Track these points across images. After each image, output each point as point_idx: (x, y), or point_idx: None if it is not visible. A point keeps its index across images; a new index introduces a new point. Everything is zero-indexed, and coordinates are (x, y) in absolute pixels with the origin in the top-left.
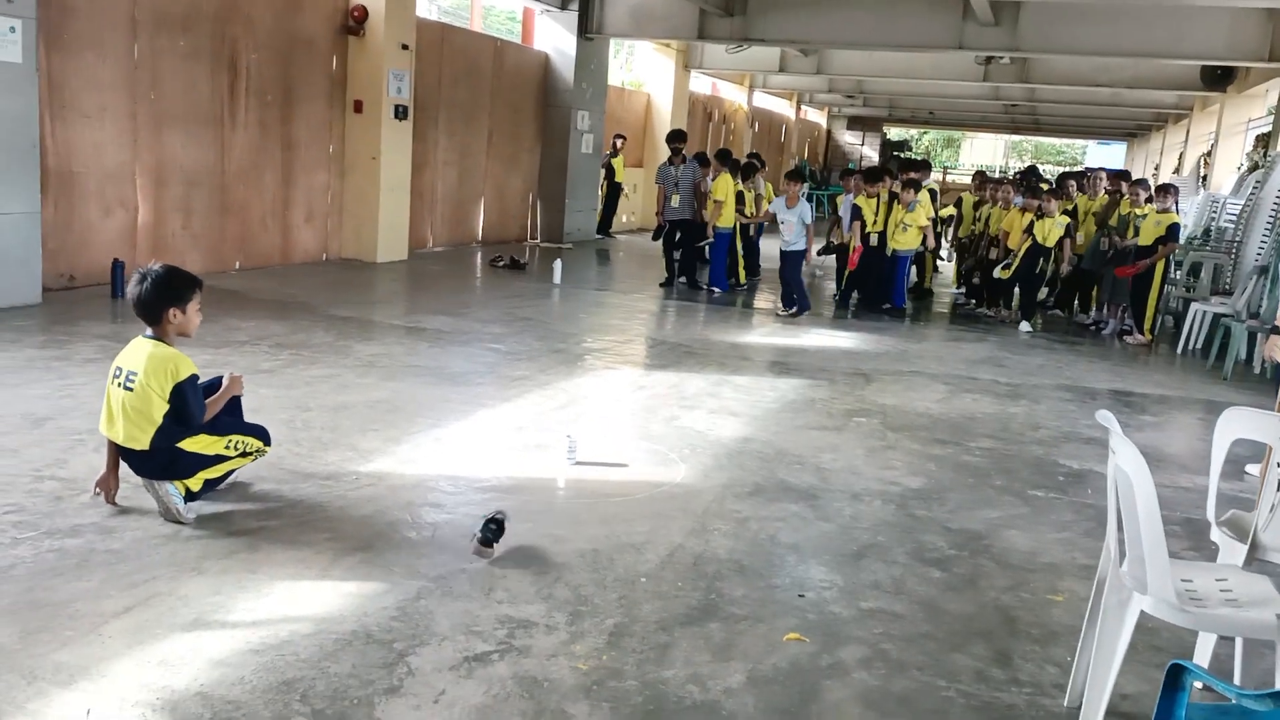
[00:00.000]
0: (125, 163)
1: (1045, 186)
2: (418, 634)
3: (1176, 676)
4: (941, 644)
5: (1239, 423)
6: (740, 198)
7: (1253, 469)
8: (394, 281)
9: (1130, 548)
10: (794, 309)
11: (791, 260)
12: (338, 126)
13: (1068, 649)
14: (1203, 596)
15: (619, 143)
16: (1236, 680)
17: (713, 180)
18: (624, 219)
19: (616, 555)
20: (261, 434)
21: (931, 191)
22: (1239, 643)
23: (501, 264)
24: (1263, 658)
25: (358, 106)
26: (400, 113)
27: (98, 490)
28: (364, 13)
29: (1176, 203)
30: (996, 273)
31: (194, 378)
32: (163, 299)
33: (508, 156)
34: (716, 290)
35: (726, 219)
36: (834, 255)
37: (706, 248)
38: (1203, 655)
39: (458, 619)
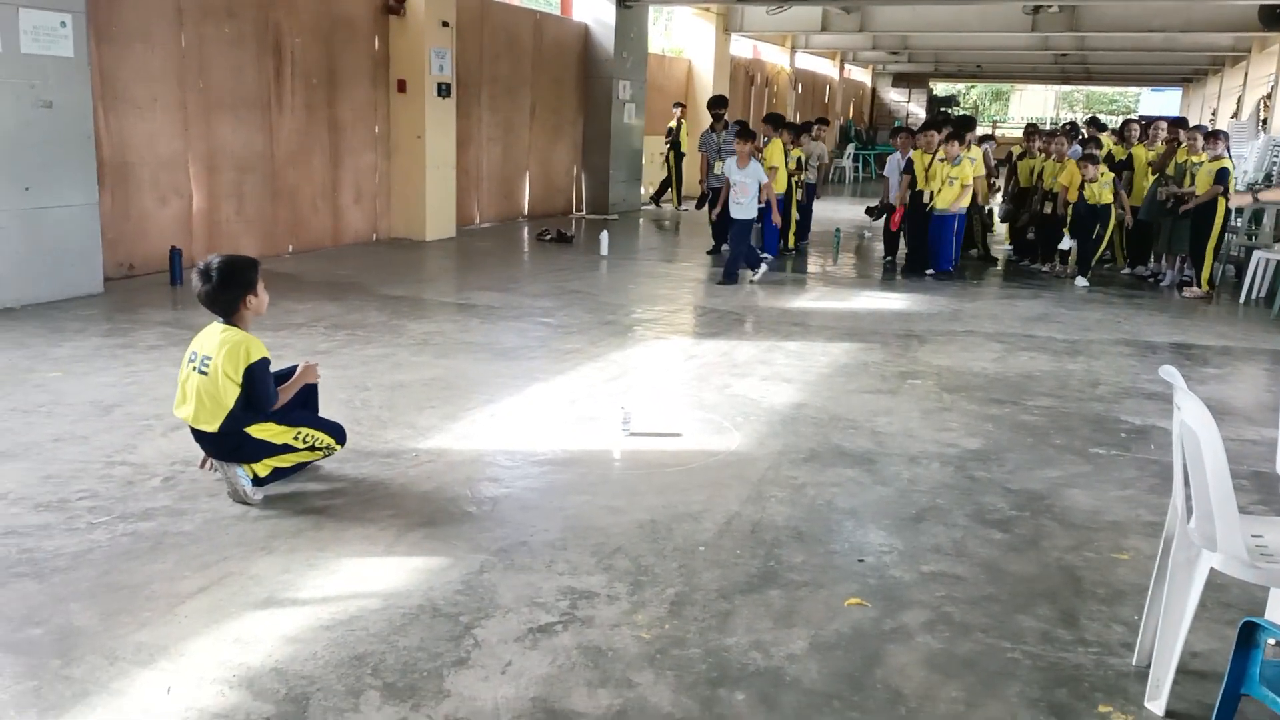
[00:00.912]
0: (178, 151)
1: (1083, 137)
2: (483, 607)
3: (1250, 634)
4: (1005, 606)
5: None
6: (798, 163)
7: None
8: (443, 259)
9: (1198, 504)
10: (757, 269)
11: (741, 227)
12: (382, 107)
13: (1134, 608)
14: (1274, 552)
15: (679, 111)
16: None
17: (766, 145)
18: (650, 189)
19: (674, 525)
20: (335, 431)
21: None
22: None
23: (548, 237)
24: None
25: (401, 86)
26: (443, 90)
27: (209, 465)
28: None
29: (1229, 148)
30: (1065, 244)
31: (265, 361)
32: (235, 289)
33: (551, 130)
34: (769, 257)
35: (780, 184)
36: (883, 217)
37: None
38: (1275, 612)
39: (521, 591)
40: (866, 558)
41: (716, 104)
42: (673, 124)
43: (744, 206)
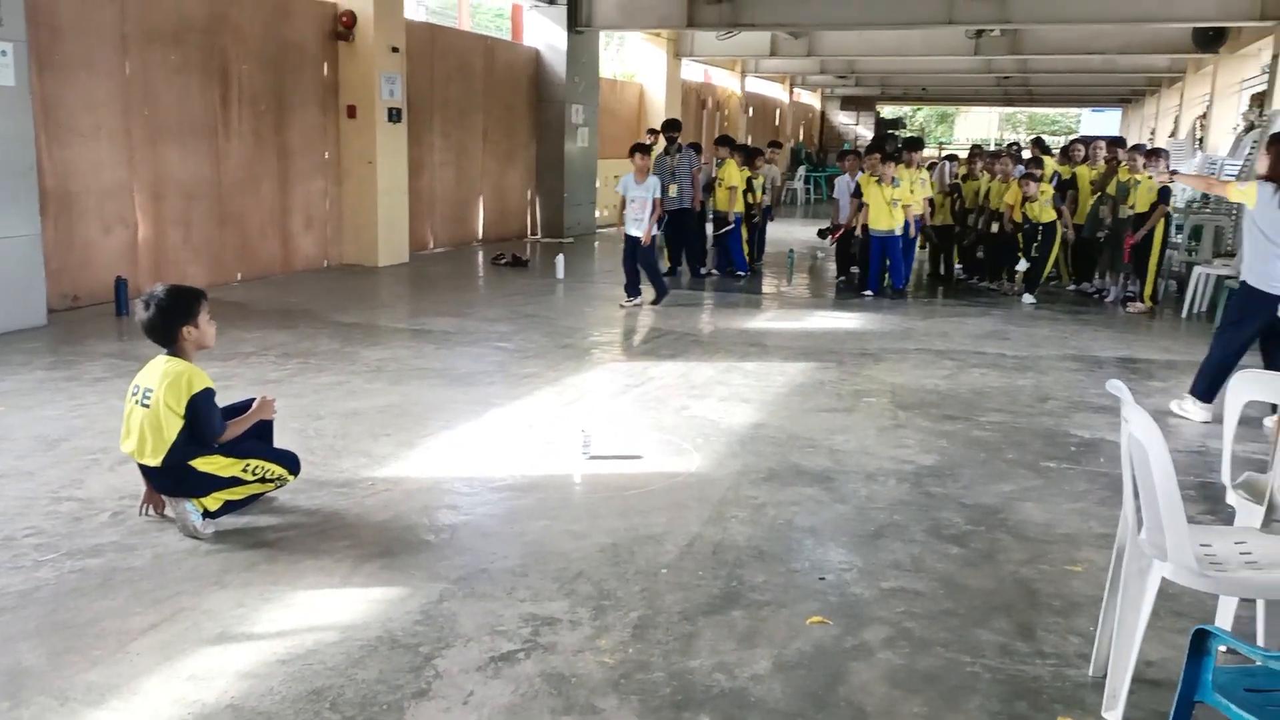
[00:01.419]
0: (123, 180)
1: (1014, 158)
2: (443, 636)
3: (1201, 641)
4: (964, 620)
5: (1250, 385)
6: (748, 184)
7: (1270, 421)
8: (397, 285)
9: (1148, 515)
10: (637, 298)
11: (645, 246)
12: (332, 132)
13: (1089, 619)
14: (1222, 560)
15: (653, 137)
16: (1259, 643)
17: (719, 167)
18: (605, 213)
19: (636, 547)
20: (288, 461)
21: (932, 165)
22: (1260, 605)
23: (504, 261)
24: None
25: (351, 111)
26: (394, 115)
27: (145, 509)
28: (353, 18)
29: (1169, 166)
30: (1022, 267)
31: (209, 392)
32: (174, 320)
33: (504, 154)
34: (741, 274)
35: (737, 204)
36: (835, 237)
37: (724, 234)
38: (1224, 619)
39: (481, 619)
40: (827, 575)
41: (670, 127)
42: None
43: (641, 223)
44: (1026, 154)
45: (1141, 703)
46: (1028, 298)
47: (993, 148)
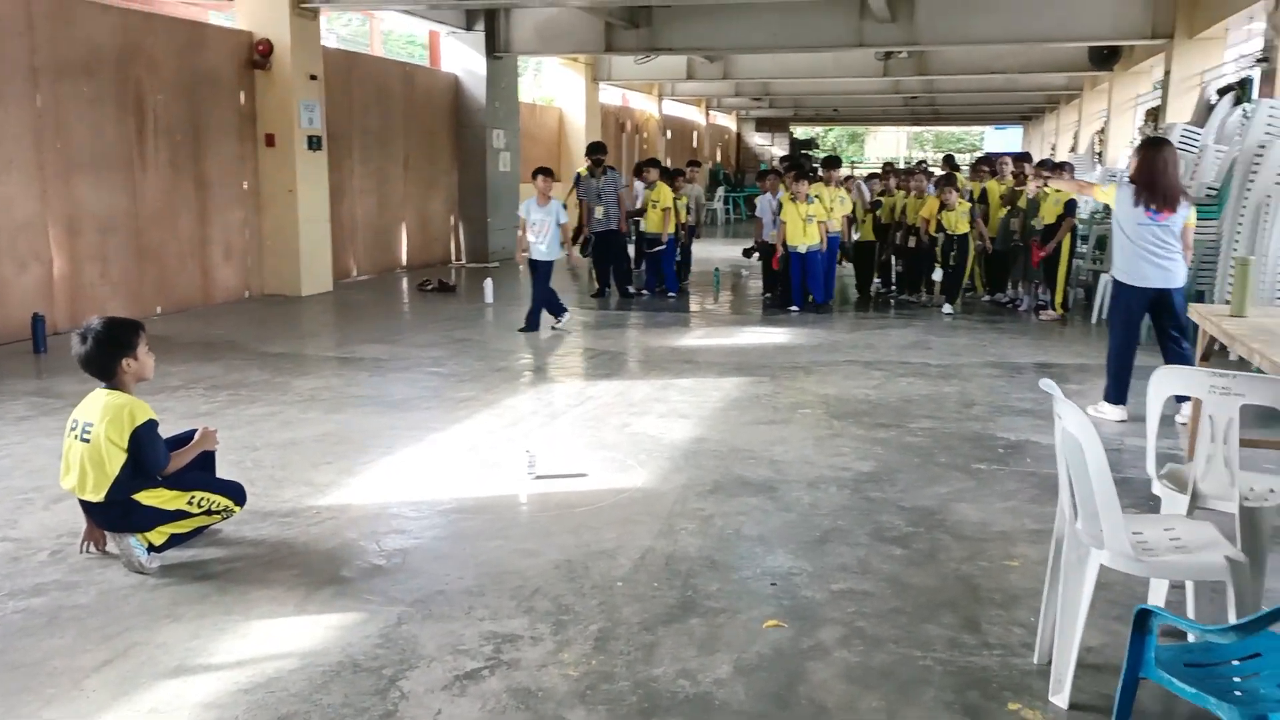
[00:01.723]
0: (36, 215)
1: (928, 174)
2: (405, 658)
3: (1144, 620)
4: (912, 617)
5: (1170, 380)
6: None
7: (1183, 416)
8: (322, 313)
9: (1083, 506)
10: (565, 315)
11: (542, 270)
12: (250, 161)
13: (1030, 610)
14: (1153, 546)
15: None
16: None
17: (647, 189)
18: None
19: (590, 563)
20: (233, 492)
21: (850, 179)
22: (1189, 588)
23: (430, 287)
24: (1212, 600)
25: (269, 140)
26: (314, 143)
27: (86, 546)
28: (269, 46)
29: (1073, 178)
30: (938, 275)
31: (152, 423)
32: (113, 352)
33: (426, 180)
34: (671, 294)
35: (669, 224)
36: (758, 255)
37: (656, 253)
38: (1157, 602)
39: (443, 640)
40: (778, 581)
41: (595, 150)
42: (583, 171)
43: (544, 248)
44: (938, 171)
45: (1085, 686)
46: (946, 308)
47: (901, 166)
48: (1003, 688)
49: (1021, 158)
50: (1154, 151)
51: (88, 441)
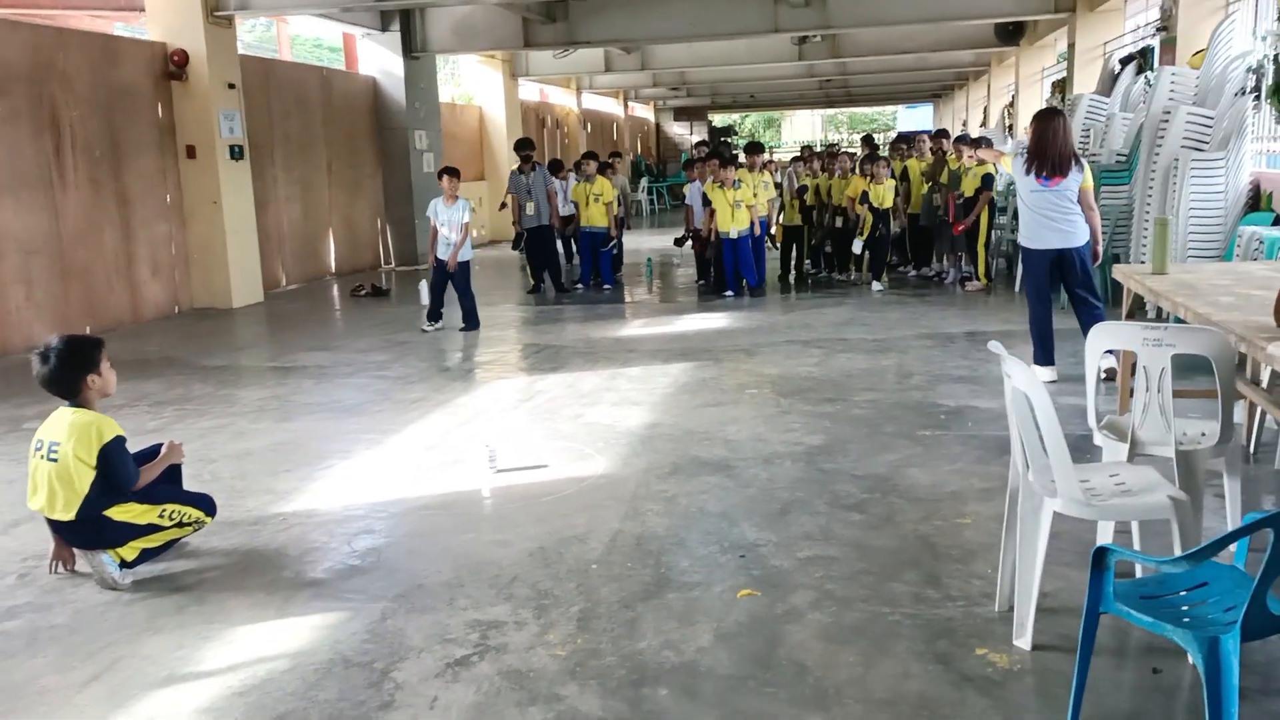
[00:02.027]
0: None
1: (850, 155)
2: (394, 651)
3: (1102, 558)
4: (877, 577)
5: (1105, 336)
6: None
7: (1107, 365)
8: (256, 324)
9: (1034, 459)
10: (439, 323)
11: (460, 270)
12: (172, 175)
13: (986, 563)
14: (1101, 492)
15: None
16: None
17: (587, 182)
18: (472, 233)
19: (563, 549)
20: (204, 503)
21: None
22: (1135, 529)
23: (363, 292)
24: (1157, 539)
25: (190, 152)
26: (236, 153)
27: (55, 566)
28: (184, 56)
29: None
30: (857, 248)
31: (120, 439)
32: (76, 370)
33: (350, 184)
34: (608, 286)
35: (605, 219)
36: (690, 243)
37: (611, 248)
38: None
39: (429, 631)
40: (746, 553)
41: (524, 146)
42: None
43: (450, 247)
44: (856, 151)
45: (1045, 629)
46: (876, 285)
47: (818, 149)
48: (969, 635)
49: (939, 134)
50: (1043, 123)
51: (55, 460)
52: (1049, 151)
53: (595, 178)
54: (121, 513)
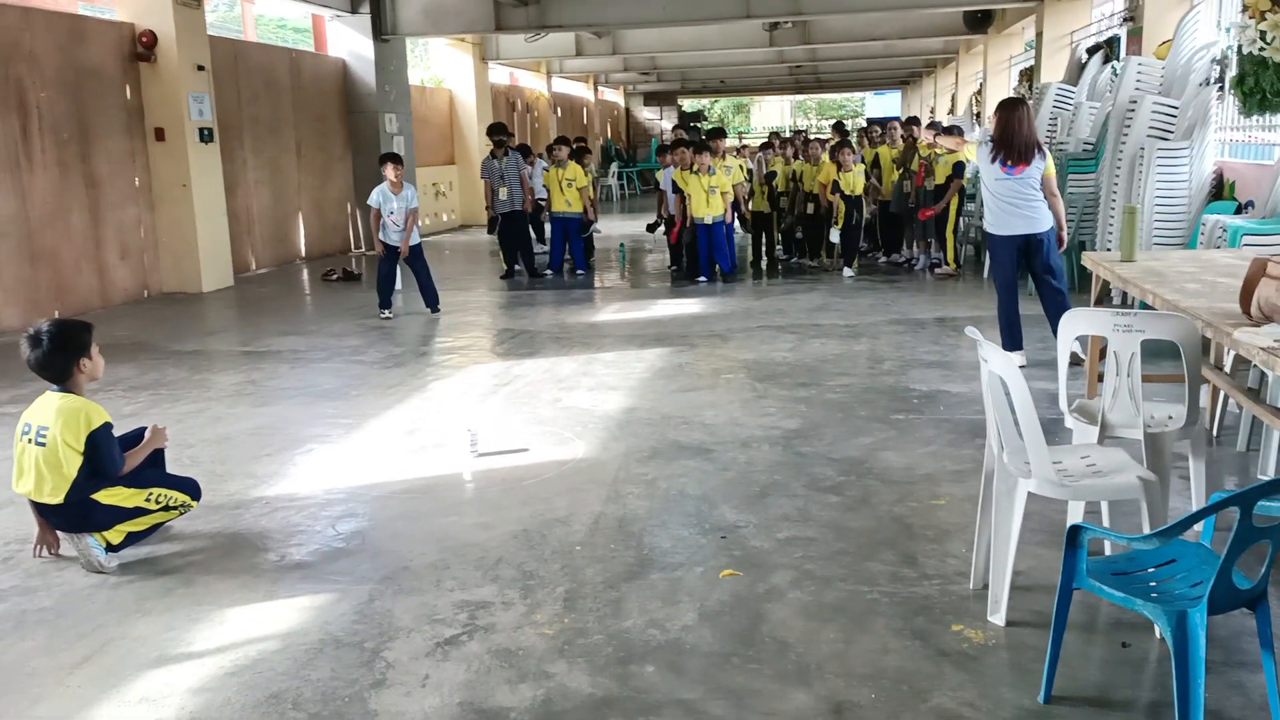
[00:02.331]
0: None
1: (822, 142)
2: (384, 631)
3: (1075, 535)
4: (855, 556)
5: (1077, 322)
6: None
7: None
8: (228, 309)
9: (1008, 440)
10: (389, 310)
11: (414, 254)
12: (141, 157)
13: (960, 543)
14: (1073, 473)
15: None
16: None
17: (559, 168)
18: (443, 218)
19: (546, 531)
20: (189, 487)
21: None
22: (1105, 509)
23: (335, 277)
24: (1125, 518)
25: (159, 134)
26: (205, 135)
27: (40, 550)
28: (153, 38)
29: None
30: (834, 237)
31: (107, 425)
32: (68, 355)
33: (319, 168)
34: (581, 271)
35: (579, 204)
36: (663, 229)
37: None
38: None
39: (417, 611)
40: (727, 534)
41: (497, 130)
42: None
43: (401, 233)
44: (826, 138)
45: (1018, 605)
46: (848, 271)
47: (787, 134)
48: (945, 612)
49: (911, 121)
50: (1007, 112)
51: (44, 445)
52: (1014, 140)
53: (567, 163)
54: (109, 496)
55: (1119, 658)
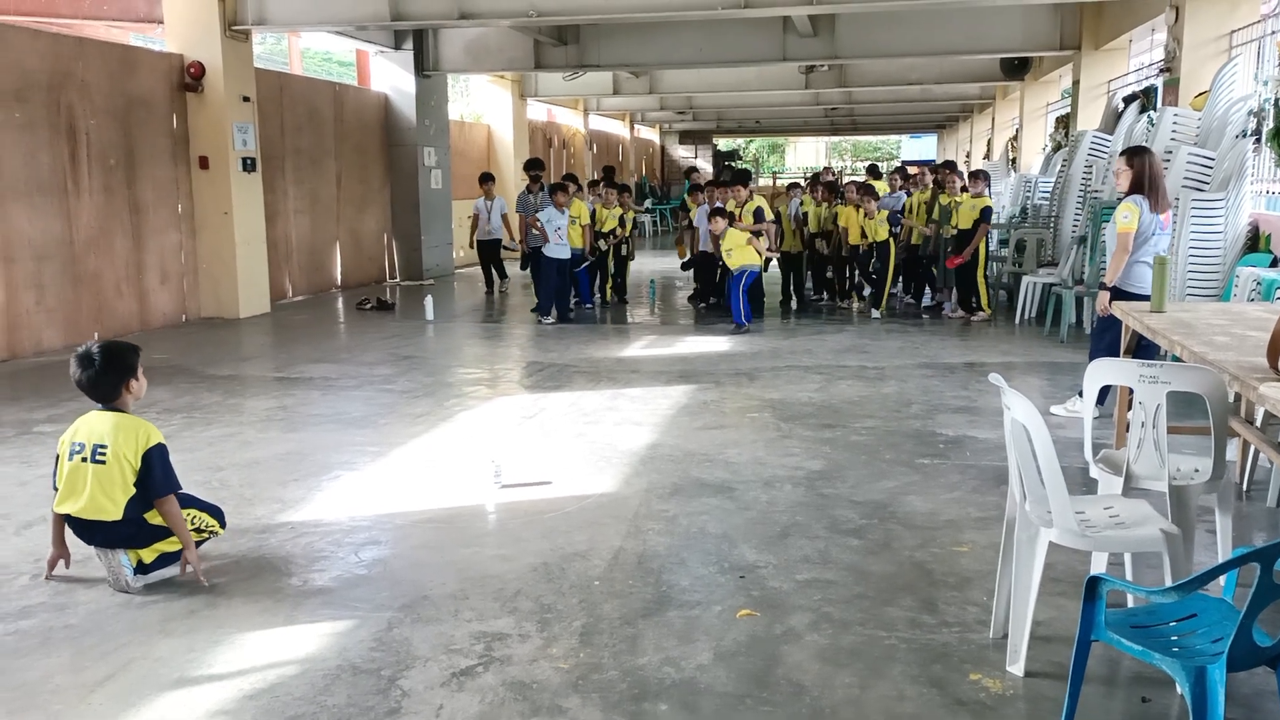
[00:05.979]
0: None
1: (857, 185)
2: (401, 659)
3: (1094, 587)
4: (874, 601)
5: (1103, 372)
6: (619, 219)
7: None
8: (263, 335)
9: (1031, 489)
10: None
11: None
12: (185, 184)
13: (981, 591)
14: (1095, 524)
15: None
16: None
17: (589, 203)
18: (461, 253)
19: (566, 564)
20: (217, 513)
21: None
22: (1128, 560)
23: (369, 306)
24: (1149, 570)
25: (203, 163)
26: (248, 165)
27: (51, 571)
28: (201, 69)
29: (989, 187)
30: (865, 292)
31: (163, 446)
32: (118, 374)
33: (358, 199)
34: (588, 305)
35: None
36: (694, 267)
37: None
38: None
39: (434, 641)
40: (746, 574)
41: (533, 166)
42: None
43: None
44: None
45: (1037, 656)
46: (875, 313)
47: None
48: (963, 660)
49: (945, 166)
50: (1146, 156)
51: (102, 463)
52: (1162, 186)
53: (572, 201)
54: (154, 516)
55: (1138, 712)
